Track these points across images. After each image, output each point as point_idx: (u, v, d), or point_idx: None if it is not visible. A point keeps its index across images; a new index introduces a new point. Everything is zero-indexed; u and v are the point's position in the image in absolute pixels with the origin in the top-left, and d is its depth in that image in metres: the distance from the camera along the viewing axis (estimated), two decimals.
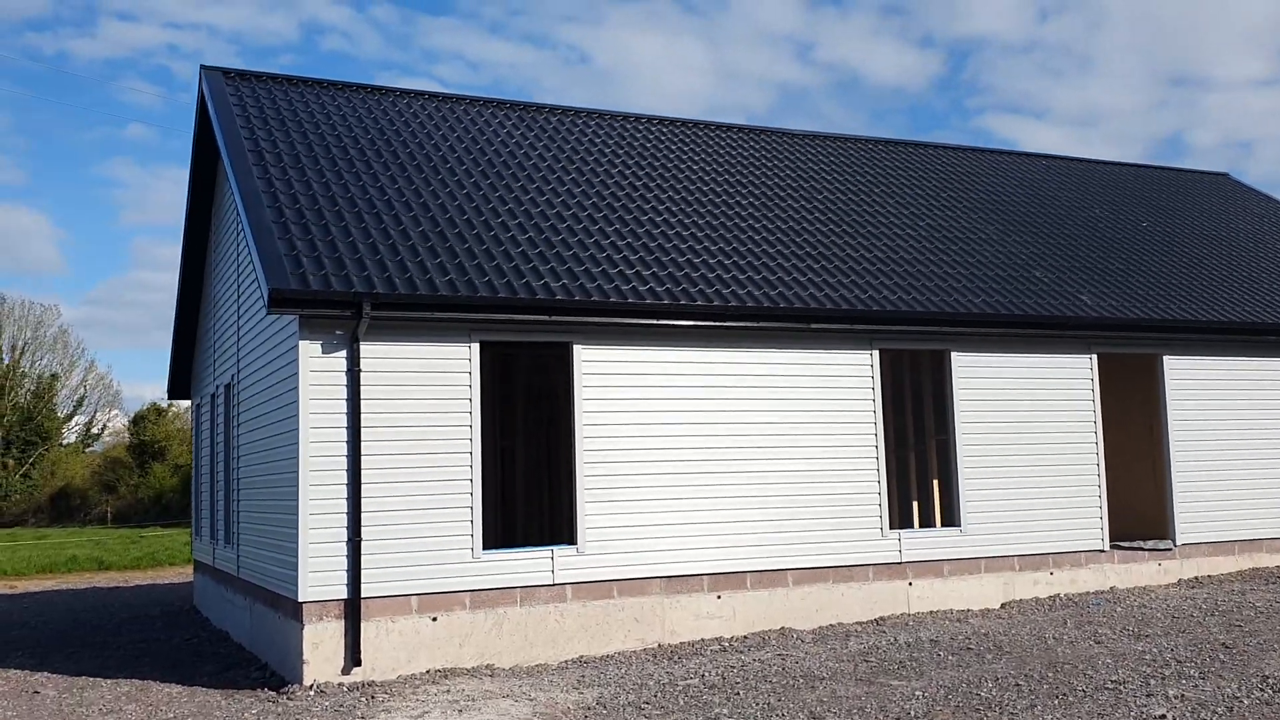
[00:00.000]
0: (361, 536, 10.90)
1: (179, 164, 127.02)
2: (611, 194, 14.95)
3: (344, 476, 10.93)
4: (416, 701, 9.91)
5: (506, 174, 14.69)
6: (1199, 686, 9.04)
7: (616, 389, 12.25)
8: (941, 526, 14.49)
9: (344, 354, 11.03)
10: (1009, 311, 14.17)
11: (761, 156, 17.98)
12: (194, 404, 20.27)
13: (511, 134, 16.19)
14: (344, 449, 10.95)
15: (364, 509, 10.94)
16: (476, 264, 12.00)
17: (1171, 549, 15.25)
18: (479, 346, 11.65)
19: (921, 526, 15.41)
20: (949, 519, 14.25)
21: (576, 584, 11.84)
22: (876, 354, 13.61)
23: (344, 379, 11.01)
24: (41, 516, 59.11)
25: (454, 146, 15.12)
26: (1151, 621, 12.17)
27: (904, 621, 12.96)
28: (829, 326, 13.17)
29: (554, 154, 15.83)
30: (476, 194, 13.81)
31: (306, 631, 10.72)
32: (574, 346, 12.11)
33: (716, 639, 12.27)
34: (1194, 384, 15.71)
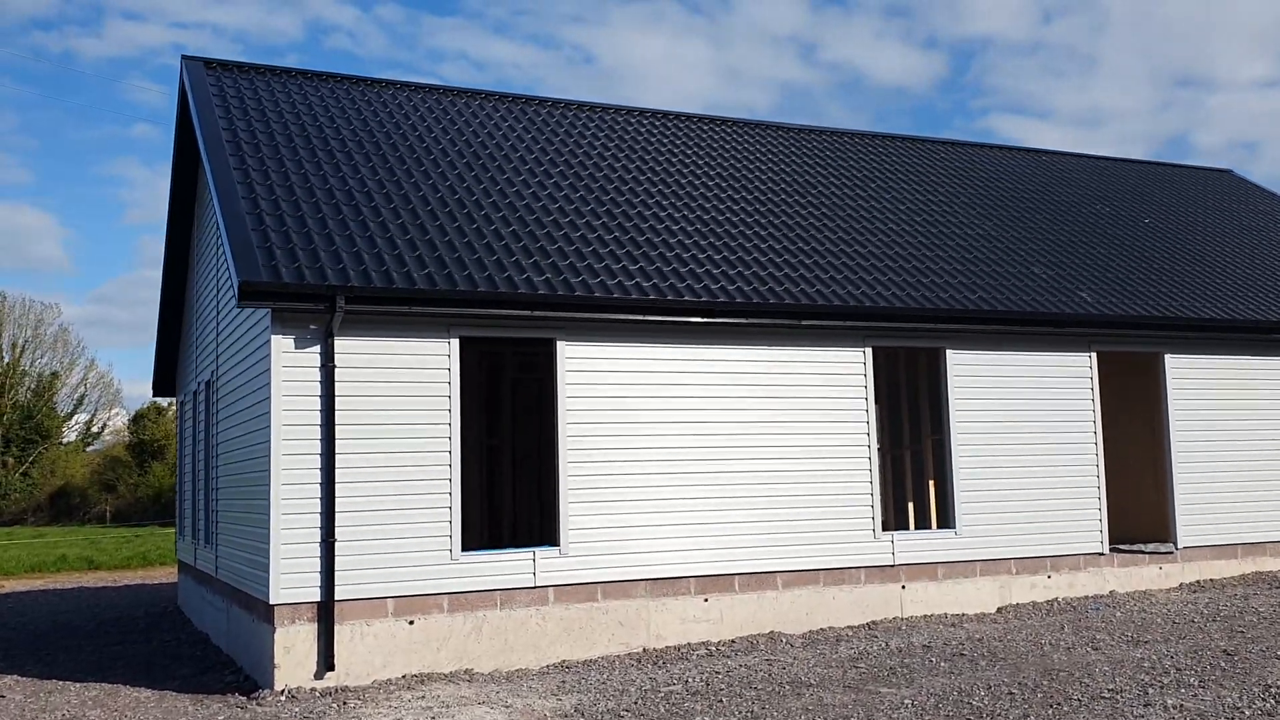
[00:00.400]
0: (336, 537, 10.58)
1: None
2: (600, 187, 14.61)
3: (318, 475, 10.61)
4: (389, 708, 9.59)
5: (492, 166, 14.36)
6: (1199, 696, 8.69)
7: (601, 386, 11.92)
8: (936, 528, 14.13)
9: (318, 349, 10.70)
10: (1006, 308, 13.82)
11: (755, 151, 17.64)
12: (178, 401, 19.98)
13: (499, 126, 15.86)
14: (318, 447, 10.62)
15: (338, 509, 10.62)
16: (457, 257, 11.67)
17: (1173, 552, 14.89)
18: (459, 342, 11.32)
19: (917, 528, 15.06)
20: (944, 520, 13.90)
21: (559, 586, 11.51)
22: (869, 351, 13.27)
23: (318, 375, 10.68)
24: (41, 515, 58.95)
25: (438, 138, 14.79)
26: (1151, 627, 11.83)
27: (896, 626, 12.62)
28: (820, 323, 12.83)
29: (541, 146, 15.50)
30: (460, 186, 13.48)
31: (278, 634, 10.40)
32: (557, 343, 11.78)
33: (703, 643, 11.95)
34: (1197, 383, 15.33)
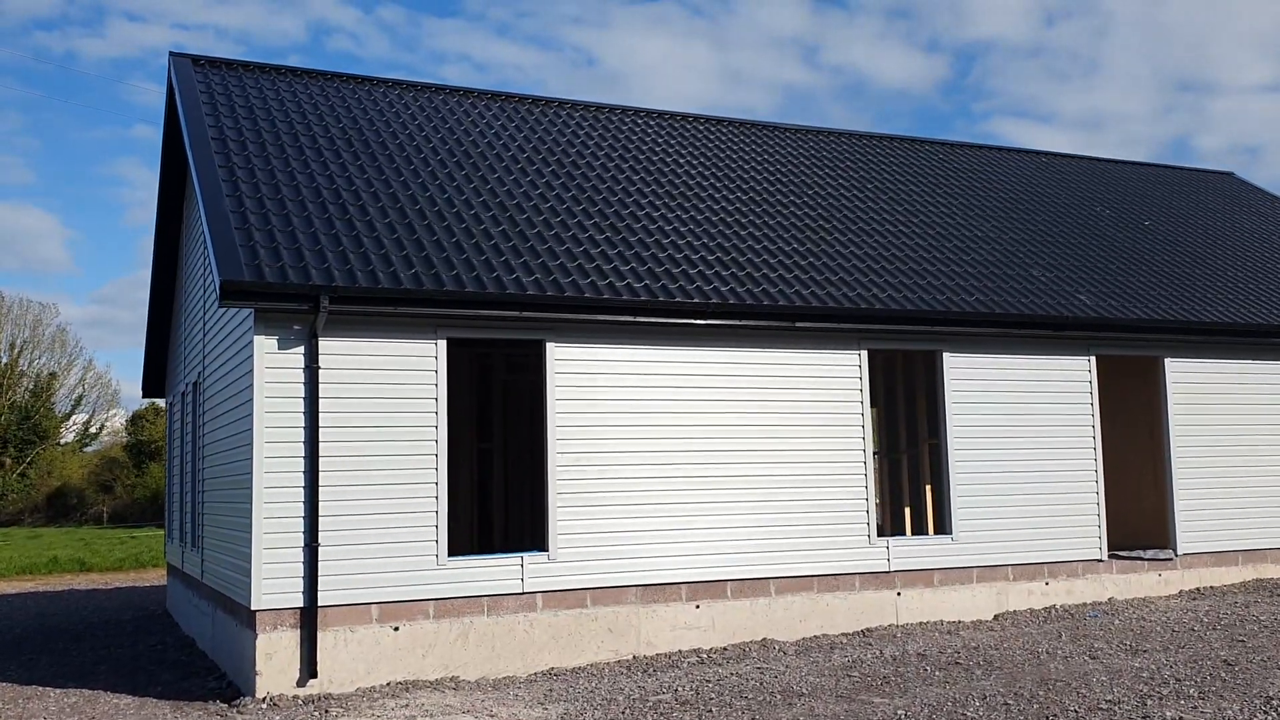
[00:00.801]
0: (319, 542, 10.37)
1: None
2: (592, 186, 14.42)
3: (301, 479, 10.40)
4: (372, 716, 9.39)
5: (482, 165, 14.16)
6: (1198, 708, 8.49)
7: (591, 389, 11.72)
8: (932, 534, 13.92)
9: (302, 350, 10.50)
10: (1004, 310, 13.61)
11: (751, 151, 17.44)
12: (168, 403, 19.79)
13: (490, 125, 15.66)
14: (301, 450, 10.42)
15: (322, 513, 10.41)
16: (445, 257, 11.47)
17: (1172, 559, 14.68)
18: (446, 343, 11.11)
19: (913, 534, 14.85)
20: (940, 526, 13.69)
21: (547, 592, 11.31)
22: (865, 354, 13.07)
23: (302, 376, 10.48)
24: (38, 516, 58.78)
25: (429, 136, 14.60)
26: (1150, 635, 11.62)
27: (891, 633, 12.41)
28: (816, 325, 12.64)
29: (533, 145, 15.30)
30: (449, 185, 13.28)
31: (260, 641, 10.20)
32: (547, 344, 11.58)
33: (694, 650, 11.74)
34: (1197, 387, 15.12)
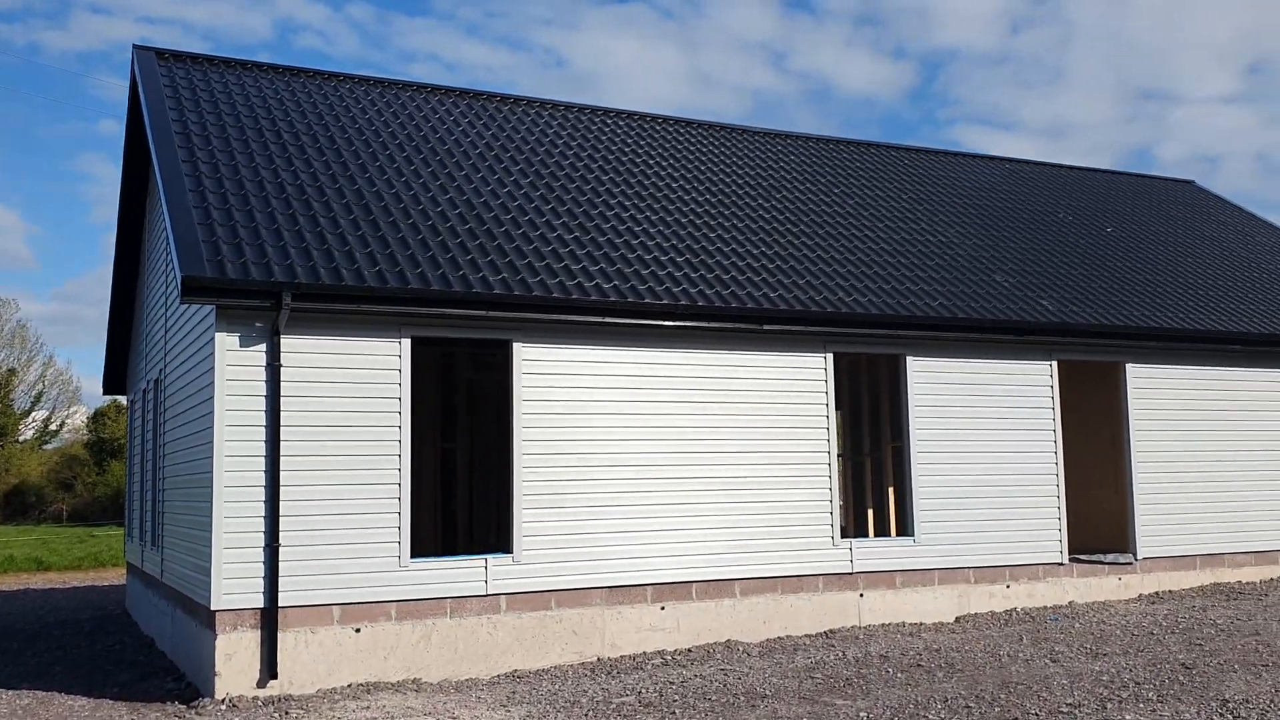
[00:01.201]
0: (280, 542, 10.27)
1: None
2: (561, 186, 14.38)
3: (262, 478, 10.28)
4: (333, 717, 9.30)
5: (450, 163, 14.08)
6: (1156, 711, 8.57)
7: (558, 389, 11.68)
8: (895, 536, 13.98)
9: (264, 348, 10.39)
10: (967, 315, 13.70)
11: (720, 153, 17.46)
12: (129, 400, 19.55)
13: (459, 122, 15.58)
14: (263, 449, 10.31)
15: (283, 513, 10.31)
16: (410, 255, 11.39)
17: (1132, 563, 14.83)
18: (410, 342, 11.04)
19: (876, 536, 14.92)
20: (903, 528, 13.76)
21: (511, 594, 11.25)
22: (831, 357, 13.11)
23: (263, 374, 10.36)
24: None
25: (395, 134, 14.50)
26: (1110, 639, 11.72)
27: (854, 635, 12.46)
28: (782, 328, 12.66)
29: (502, 144, 15.23)
30: (416, 182, 13.20)
31: (219, 641, 10.08)
32: (514, 344, 11.53)
33: (659, 652, 11.72)
34: (1157, 393, 15.28)
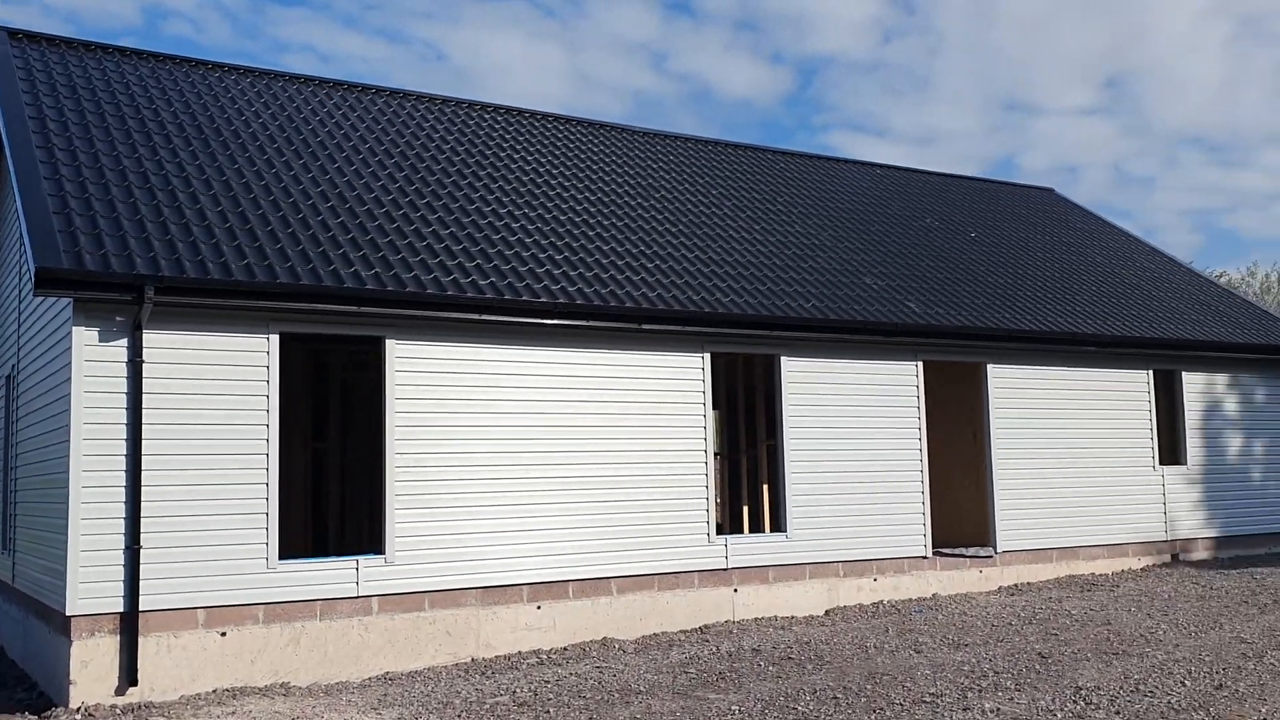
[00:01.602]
0: (141, 544, 9.91)
1: None
2: (437, 181, 14.21)
3: (123, 478, 9.92)
4: None
5: (322, 155, 13.79)
6: (1014, 699, 8.91)
7: (432, 388, 11.55)
8: (769, 532, 14.23)
9: (124, 343, 10.01)
10: (838, 316, 14.01)
11: (601, 152, 17.50)
12: None
13: (332, 114, 15.27)
14: (123, 448, 9.93)
15: (144, 513, 9.95)
16: (280, 248, 11.12)
17: (992, 556, 15.38)
18: (279, 338, 10.78)
19: (751, 532, 15.16)
20: (776, 524, 14.02)
21: (384, 596, 11.08)
22: (708, 357, 13.26)
23: (124, 370, 9.99)
24: None
25: (266, 124, 14.13)
26: (971, 630, 12.14)
27: (728, 630, 12.63)
28: (661, 328, 12.76)
29: (376, 137, 14.98)
30: (286, 174, 12.89)
31: (75, 648, 9.68)
32: (387, 341, 11.35)
33: (535, 652, 11.70)
34: (1016, 392, 15.88)
